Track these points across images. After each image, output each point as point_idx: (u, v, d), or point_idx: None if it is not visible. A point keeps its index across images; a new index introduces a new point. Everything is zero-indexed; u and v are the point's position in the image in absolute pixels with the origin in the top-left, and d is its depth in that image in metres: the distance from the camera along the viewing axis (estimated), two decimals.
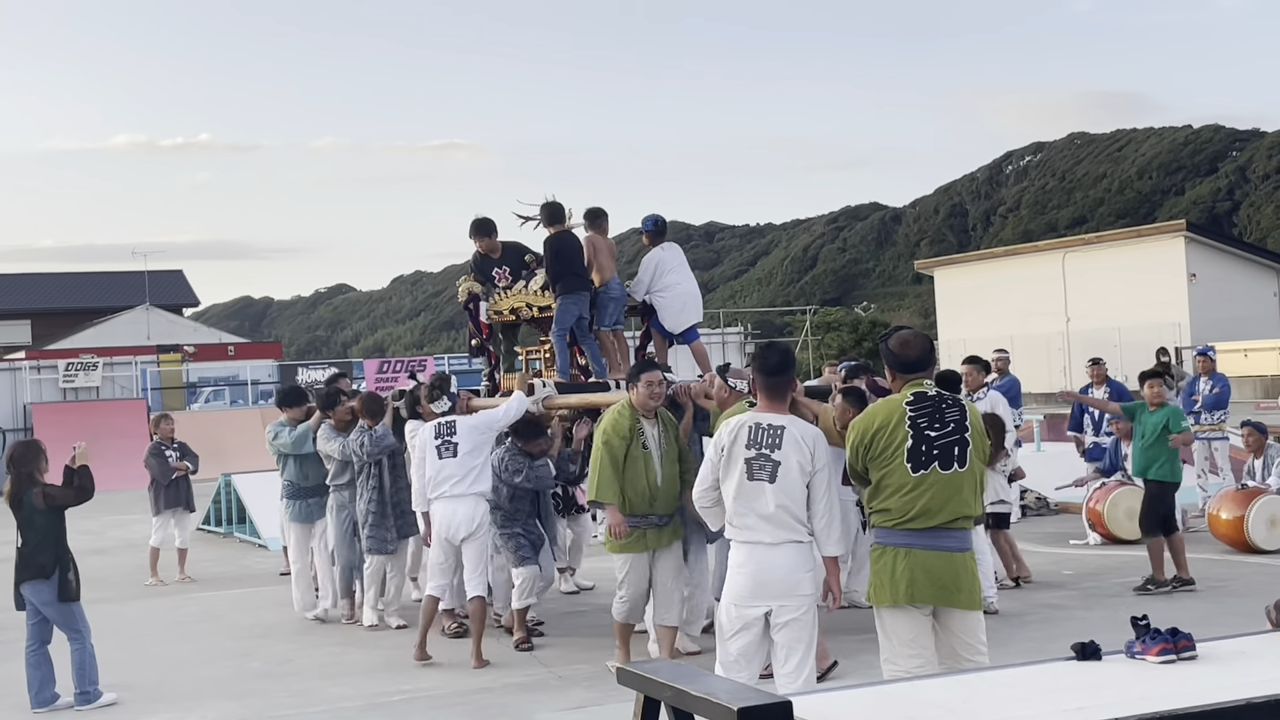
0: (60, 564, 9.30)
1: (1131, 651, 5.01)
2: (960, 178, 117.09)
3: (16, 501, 9.35)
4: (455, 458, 10.32)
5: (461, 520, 10.29)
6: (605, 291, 11.50)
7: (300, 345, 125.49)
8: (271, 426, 12.64)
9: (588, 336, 11.45)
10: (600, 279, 11.45)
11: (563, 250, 11.28)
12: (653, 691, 4.56)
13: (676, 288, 11.61)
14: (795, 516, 6.52)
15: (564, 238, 11.34)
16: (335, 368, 38.57)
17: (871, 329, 55.02)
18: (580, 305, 11.27)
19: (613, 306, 11.57)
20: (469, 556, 10.37)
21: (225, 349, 46.77)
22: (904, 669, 6.30)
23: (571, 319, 11.24)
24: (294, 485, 12.34)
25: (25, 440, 9.87)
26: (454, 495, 10.32)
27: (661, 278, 11.60)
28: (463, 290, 12.21)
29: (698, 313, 11.84)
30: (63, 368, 37.38)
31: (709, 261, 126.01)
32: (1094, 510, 14.87)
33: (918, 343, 6.71)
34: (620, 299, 11.59)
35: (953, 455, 6.38)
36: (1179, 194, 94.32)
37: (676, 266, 11.71)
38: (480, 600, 10.31)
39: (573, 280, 11.22)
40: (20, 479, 9.36)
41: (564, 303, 11.21)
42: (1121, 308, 42.70)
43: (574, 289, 11.20)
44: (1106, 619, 10.28)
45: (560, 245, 11.29)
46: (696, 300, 11.84)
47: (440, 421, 10.53)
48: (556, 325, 11.27)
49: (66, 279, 71.59)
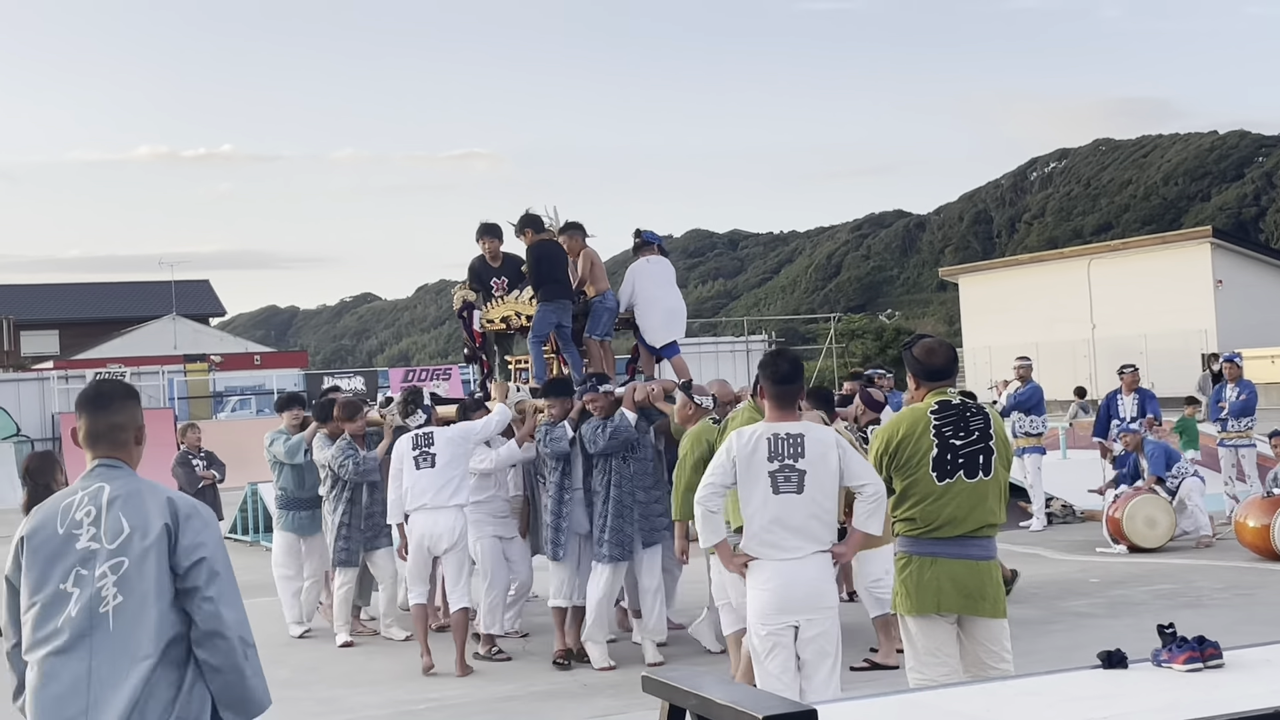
0: None
1: (1158, 660, 5.00)
2: (985, 184, 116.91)
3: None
4: (434, 468, 10.32)
5: (442, 531, 10.31)
6: (601, 302, 11.56)
7: (326, 354, 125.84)
8: (269, 434, 12.68)
9: (569, 345, 11.50)
10: (596, 289, 11.53)
11: (544, 258, 11.32)
12: (678, 699, 4.57)
13: (657, 303, 11.62)
14: (824, 524, 6.44)
15: (546, 246, 11.38)
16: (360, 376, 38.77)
17: (896, 336, 54.90)
18: (560, 314, 11.31)
19: (606, 317, 11.62)
20: (450, 568, 10.40)
21: (251, 358, 47.03)
22: (930, 677, 6.29)
23: (549, 327, 11.31)
24: (287, 494, 12.28)
25: (41, 452, 9.82)
26: (434, 507, 10.32)
27: (643, 291, 11.62)
28: (457, 298, 12.31)
29: (679, 329, 11.86)
30: (90, 377, 37.56)
31: (733, 269, 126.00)
32: (1113, 519, 14.81)
33: (942, 351, 6.69)
34: (613, 310, 11.65)
35: (978, 464, 6.37)
36: (1205, 200, 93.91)
37: (659, 281, 11.71)
38: (463, 612, 10.40)
39: (553, 288, 11.25)
40: (37, 490, 9.27)
41: (543, 310, 11.26)
42: (1147, 314, 42.54)
43: (554, 297, 11.24)
44: (1133, 627, 10.24)
45: (542, 253, 11.32)
46: (676, 315, 11.82)
47: (418, 433, 10.53)
48: (533, 333, 11.37)
49: (94, 289, 72.03)
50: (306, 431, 12.06)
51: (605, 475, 10.05)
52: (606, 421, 9.95)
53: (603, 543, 9.97)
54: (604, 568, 10.00)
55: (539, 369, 11.46)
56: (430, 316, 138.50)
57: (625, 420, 9.95)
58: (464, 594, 10.44)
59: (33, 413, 35.54)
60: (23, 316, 61.76)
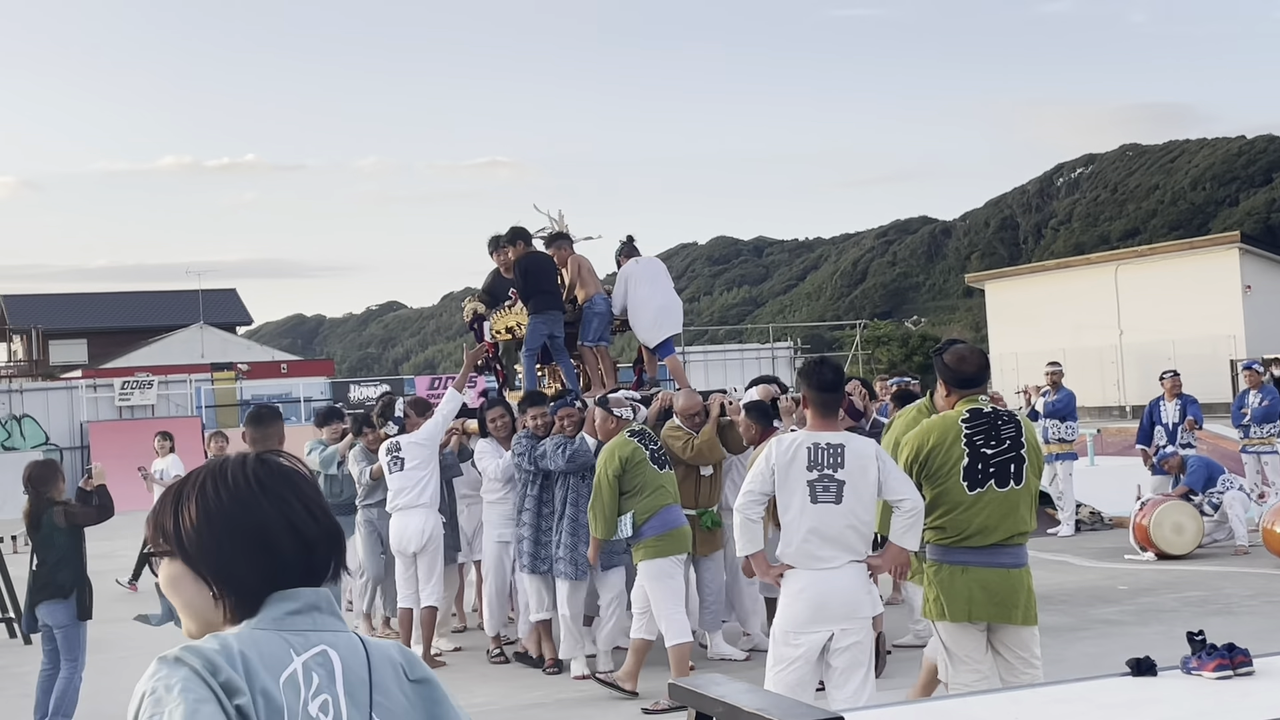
0: (79, 584, 9.11)
1: (1187, 667, 4.98)
2: (1011, 190, 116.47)
3: (35, 522, 9.17)
4: (403, 471, 10.71)
5: (413, 533, 10.66)
6: (590, 307, 11.60)
7: (352, 362, 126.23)
8: (309, 443, 12.79)
9: (563, 355, 11.60)
10: (584, 295, 11.56)
11: (531, 270, 11.42)
12: (704, 707, 4.57)
13: (649, 301, 11.65)
14: (861, 535, 6.39)
15: (533, 258, 11.51)
16: (386, 385, 38.87)
17: (922, 343, 54.76)
18: (551, 324, 11.42)
19: (597, 322, 11.65)
20: (423, 568, 10.74)
21: (278, 367, 47.19)
22: (963, 683, 6.28)
23: (541, 339, 11.42)
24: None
25: (43, 460, 9.77)
26: (405, 508, 10.70)
27: (635, 291, 11.63)
28: (468, 310, 12.42)
29: (674, 325, 11.87)
30: (119, 386, 37.79)
31: (758, 276, 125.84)
32: (1140, 525, 14.74)
33: (974, 358, 6.63)
34: (605, 314, 11.67)
35: (1009, 472, 6.35)
36: (1233, 205, 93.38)
37: (650, 280, 11.74)
38: (432, 610, 10.72)
39: (543, 299, 11.35)
40: (39, 500, 9.24)
41: (534, 322, 11.39)
42: (1175, 320, 42.28)
43: (544, 308, 11.35)
44: (1162, 634, 10.20)
45: (529, 265, 11.43)
46: (668, 312, 11.83)
47: (390, 440, 10.95)
48: (525, 345, 11.53)
49: (122, 298, 72.39)
50: (341, 444, 12.13)
51: (564, 492, 10.07)
52: (568, 442, 9.95)
53: (559, 560, 9.99)
54: (563, 585, 10.02)
55: (530, 382, 11.52)
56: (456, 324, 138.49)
57: (585, 444, 9.94)
58: (434, 593, 10.76)
59: (61, 421, 35.69)
60: (51, 326, 62.19)
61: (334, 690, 2.16)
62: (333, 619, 2.23)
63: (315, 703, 2.13)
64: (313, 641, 2.18)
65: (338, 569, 2.28)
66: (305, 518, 2.24)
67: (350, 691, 2.17)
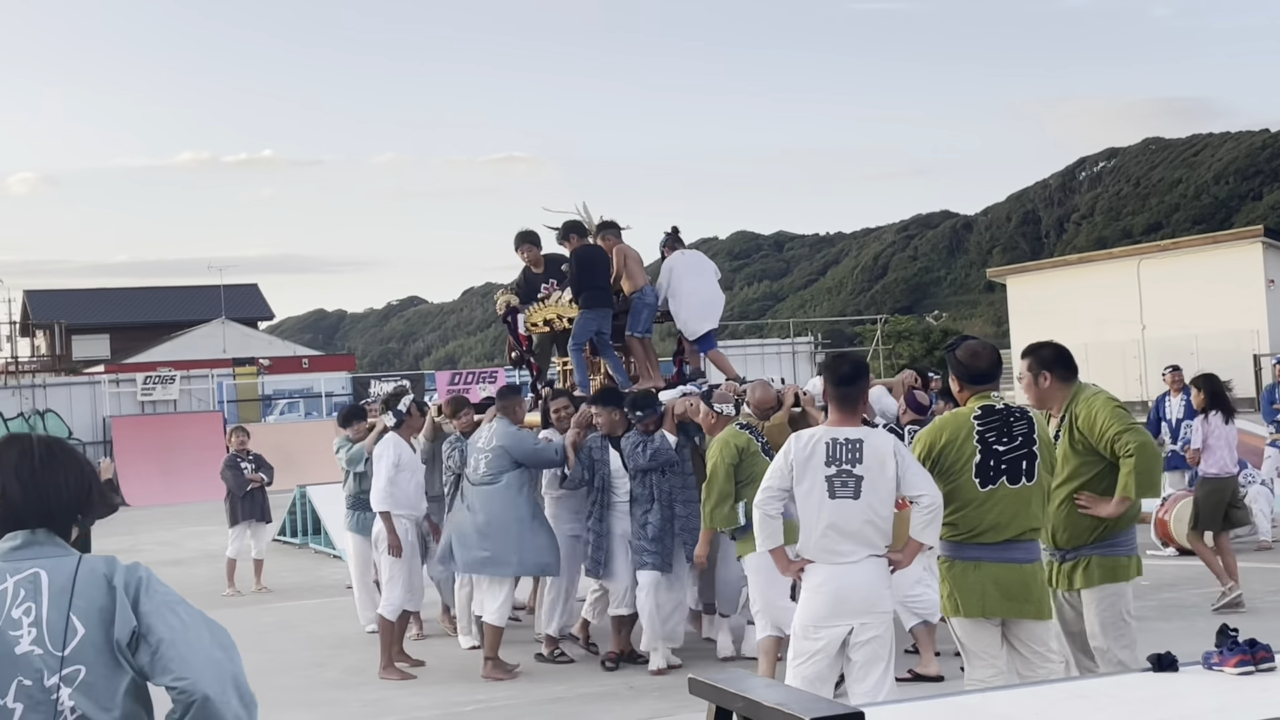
0: None
1: (1209, 663, 4.96)
2: (1033, 184, 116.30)
3: None
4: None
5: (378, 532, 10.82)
6: (640, 298, 11.55)
7: (373, 357, 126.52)
8: (336, 440, 12.83)
9: (609, 350, 11.53)
10: (632, 286, 11.51)
11: (586, 263, 11.33)
12: (725, 702, 4.57)
13: (694, 293, 11.65)
14: (880, 530, 6.37)
15: (590, 251, 11.41)
16: (407, 380, 38.93)
17: (943, 338, 54.56)
18: (600, 320, 11.36)
19: (646, 313, 11.62)
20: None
21: (299, 361, 47.31)
22: (979, 679, 6.28)
23: (590, 333, 11.37)
24: (354, 496, 12.29)
25: None
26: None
27: (680, 283, 11.62)
28: (501, 303, 12.35)
29: (714, 318, 11.85)
30: (141, 381, 37.95)
31: (779, 271, 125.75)
32: (1161, 521, 14.68)
33: (986, 354, 6.64)
34: (653, 306, 11.65)
35: (1020, 469, 6.34)
36: (1256, 199, 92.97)
37: (694, 272, 11.72)
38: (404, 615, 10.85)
39: (595, 294, 11.28)
40: None
41: (584, 317, 11.31)
42: (1198, 315, 42.11)
43: (596, 304, 11.29)
44: (1184, 630, 10.16)
45: (586, 258, 11.34)
46: (711, 305, 11.84)
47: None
48: (574, 340, 11.43)
49: (144, 294, 72.68)
50: (367, 440, 12.13)
51: (646, 489, 10.11)
52: (648, 440, 10.03)
53: (644, 552, 10.02)
54: (649, 577, 10.04)
55: (581, 376, 11.46)
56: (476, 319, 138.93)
57: (665, 441, 10.05)
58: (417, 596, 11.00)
59: (84, 416, 35.88)
60: (74, 321, 62.41)
61: (38, 599, 3.05)
62: (52, 548, 3.15)
63: (20, 609, 3.04)
64: (25, 567, 3.10)
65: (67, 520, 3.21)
66: (14, 485, 3.18)
67: (53, 598, 3.05)
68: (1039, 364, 6.78)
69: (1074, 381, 6.75)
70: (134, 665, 3.06)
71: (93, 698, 3.02)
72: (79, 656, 3.02)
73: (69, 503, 3.23)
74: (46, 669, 3.00)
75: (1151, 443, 6.47)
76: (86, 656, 3.02)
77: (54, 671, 3.01)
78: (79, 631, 3.03)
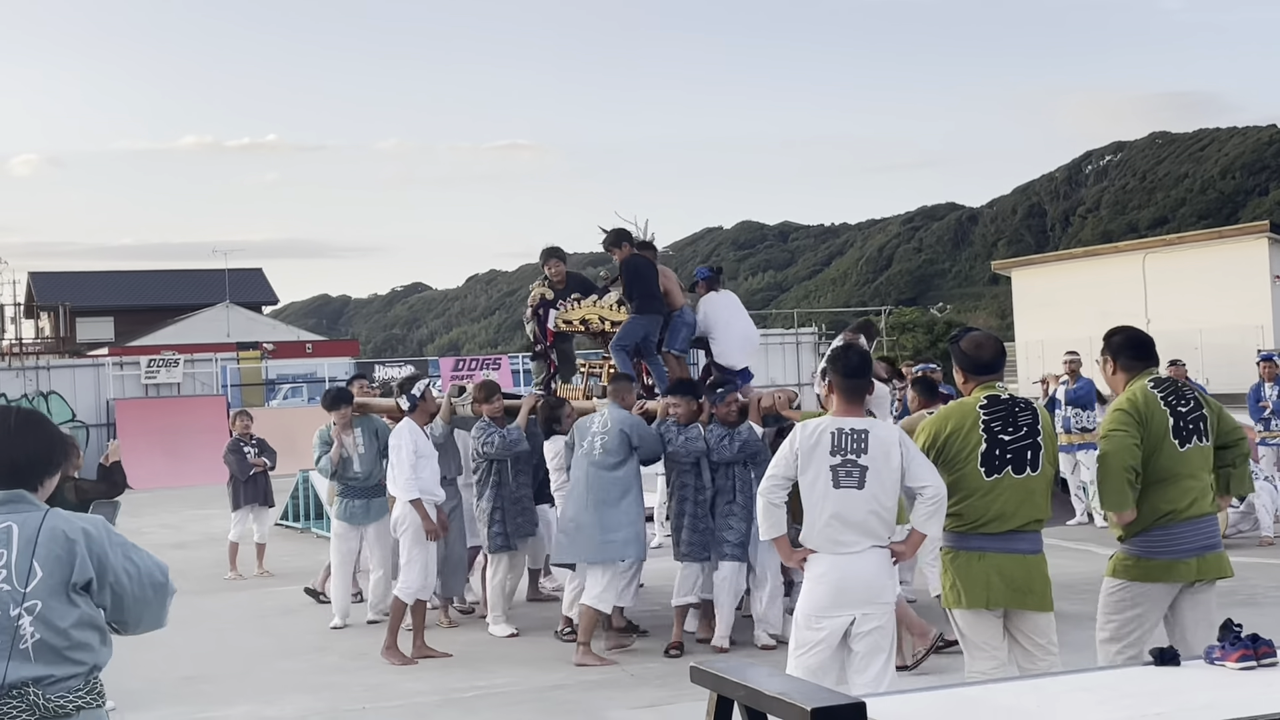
0: None
1: (1211, 657, 4.96)
2: (1039, 177, 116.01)
3: (50, 499, 9.27)
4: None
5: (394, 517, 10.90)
6: (680, 316, 11.79)
7: (377, 343, 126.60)
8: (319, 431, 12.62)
9: (654, 357, 11.73)
10: (672, 305, 11.71)
11: (640, 270, 11.54)
12: (726, 690, 4.57)
13: (734, 328, 11.91)
14: (883, 521, 6.37)
15: (640, 260, 11.63)
16: (412, 365, 38.95)
17: (947, 330, 54.55)
18: (649, 326, 11.55)
19: (685, 331, 11.85)
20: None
21: (303, 346, 47.38)
22: (980, 670, 6.29)
23: (637, 337, 11.50)
24: (343, 483, 12.07)
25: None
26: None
27: (717, 315, 11.86)
28: (535, 294, 12.36)
29: (752, 355, 12.20)
30: (145, 364, 37.95)
31: (783, 261, 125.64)
32: None
33: (990, 345, 6.66)
34: (691, 325, 11.87)
35: (1025, 459, 6.35)
36: (1263, 194, 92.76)
37: (732, 308, 12.02)
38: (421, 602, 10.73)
39: (648, 301, 11.49)
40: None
41: (634, 320, 11.48)
42: (1203, 310, 42.07)
43: (648, 310, 11.50)
44: None
45: (639, 266, 11.56)
46: (751, 342, 12.21)
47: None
48: (619, 340, 11.51)
49: (149, 277, 72.74)
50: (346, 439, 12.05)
51: (729, 480, 10.24)
52: (735, 432, 10.17)
53: (726, 543, 10.16)
54: (728, 567, 10.18)
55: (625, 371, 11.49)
56: (480, 306, 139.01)
57: (753, 433, 10.22)
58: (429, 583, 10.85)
59: (88, 398, 35.89)
60: (78, 303, 62.49)
61: (10, 547, 3.85)
62: (24, 505, 3.96)
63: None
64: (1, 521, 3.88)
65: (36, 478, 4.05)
66: None
67: (20, 547, 3.85)
68: (1107, 349, 6.84)
69: (1139, 370, 6.69)
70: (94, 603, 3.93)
71: (48, 625, 3.82)
72: (37, 593, 3.82)
73: (36, 463, 4.06)
74: (12, 602, 3.81)
75: (1109, 453, 6.40)
76: (42, 594, 3.83)
77: (18, 604, 3.81)
78: (38, 574, 3.84)
